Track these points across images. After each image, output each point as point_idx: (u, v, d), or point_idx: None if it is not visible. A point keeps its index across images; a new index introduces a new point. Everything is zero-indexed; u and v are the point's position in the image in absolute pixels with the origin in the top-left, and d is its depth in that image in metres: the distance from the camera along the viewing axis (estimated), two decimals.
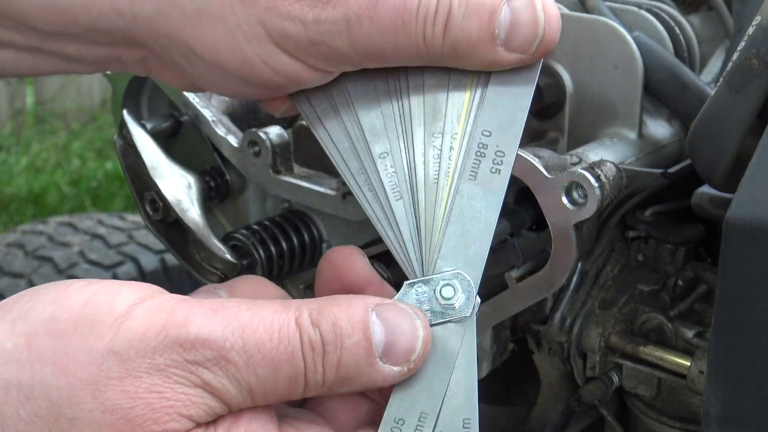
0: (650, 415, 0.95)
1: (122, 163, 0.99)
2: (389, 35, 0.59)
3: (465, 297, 0.59)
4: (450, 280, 0.59)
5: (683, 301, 0.94)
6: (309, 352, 0.54)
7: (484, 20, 0.59)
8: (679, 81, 0.92)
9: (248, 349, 0.53)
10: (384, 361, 0.55)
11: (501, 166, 0.60)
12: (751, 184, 0.70)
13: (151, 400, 0.52)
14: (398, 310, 0.57)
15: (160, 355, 0.52)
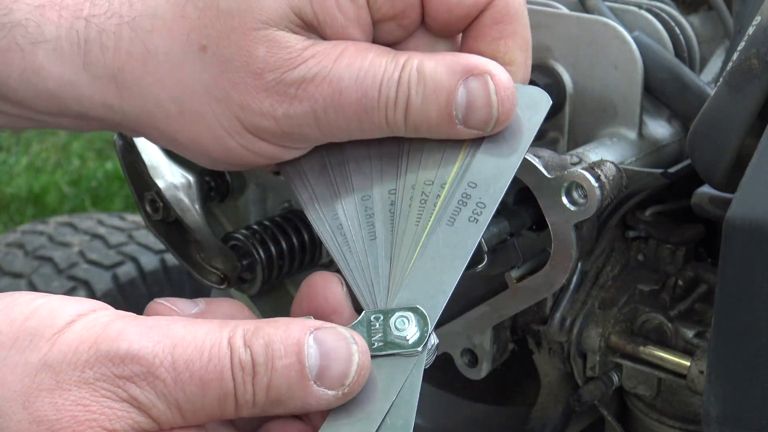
0: (650, 415, 0.95)
1: (122, 163, 0.99)
2: (354, 121, 0.63)
3: (419, 332, 0.59)
4: (406, 313, 0.59)
5: (683, 301, 0.94)
6: (239, 372, 0.54)
7: (442, 104, 0.63)
8: (679, 81, 0.92)
9: (177, 366, 0.54)
10: (318, 384, 0.55)
11: (479, 216, 0.62)
12: (751, 184, 0.70)
13: (77, 412, 0.52)
14: (336, 334, 0.57)
15: (90, 368, 0.53)
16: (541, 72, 0.94)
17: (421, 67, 0.62)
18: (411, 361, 0.58)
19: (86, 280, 1.89)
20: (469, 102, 0.63)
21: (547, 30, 0.94)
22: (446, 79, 0.62)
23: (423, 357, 0.59)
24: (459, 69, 0.63)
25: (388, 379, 0.58)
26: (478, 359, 0.91)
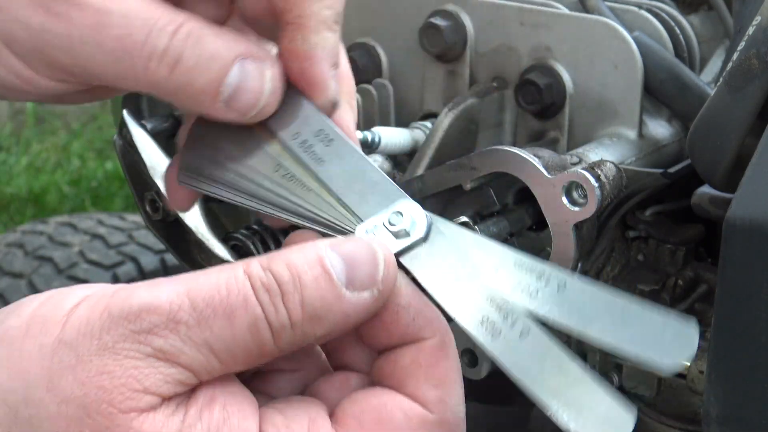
0: (650, 415, 0.95)
1: (122, 163, 0.99)
2: (111, 60, 0.59)
3: (412, 219, 0.58)
4: (386, 213, 0.58)
5: (683, 301, 0.94)
6: (264, 294, 0.52)
7: (213, 74, 0.60)
8: (679, 81, 0.92)
9: (197, 306, 0.51)
10: (351, 290, 0.53)
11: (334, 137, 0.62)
12: (751, 184, 0.70)
13: (102, 382, 0.50)
14: (353, 240, 0.56)
15: (107, 333, 0.51)
16: (541, 72, 0.94)
17: (200, 31, 0.60)
18: (424, 247, 0.57)
19: (86, 280, 1.89)
20: (239, 84, 0.60)
21: (547, 30, 0.95)
22: (225, 52, 0.60)
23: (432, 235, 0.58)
24: (241, 47, 0.60)
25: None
26: (478, 359, 0.91)
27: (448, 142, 0.93)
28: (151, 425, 0.51)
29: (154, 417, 0.51)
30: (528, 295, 0.58)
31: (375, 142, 0.94)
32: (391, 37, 1.04)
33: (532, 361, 0.57)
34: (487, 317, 0.58)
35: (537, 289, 0.58)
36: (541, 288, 0.58)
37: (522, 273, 0.59)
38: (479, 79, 1.00)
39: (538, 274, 0.58)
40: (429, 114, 1.02)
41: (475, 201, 0.84)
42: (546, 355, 0.58)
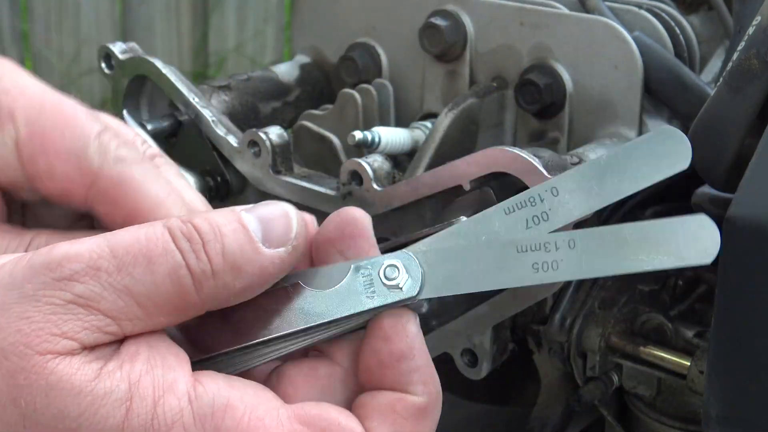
0: (650, 415, 0.95)
1: None
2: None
3: (410, 278, 0.58)
4: (394, 260, 0.58)
5: (683, 301, 0.94)
6: (184, 243, 0.53)
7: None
8: (679, 81, 0.92)
9: (117, 253, 0.52)
10: (267, 245, 0.54)
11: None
12: (751, 184, 0.70)
13: (21, 326, 0.51)
14: (264, 204, 0.56)
15: (28, 282, 0.51)
16: (541, 72, 0.94)
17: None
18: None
19: None
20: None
21: (547, 30, 0.95)
22: None
23: (423, 303, 0.58)
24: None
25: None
26: (478, 359, 0.91)
27: (448, 142, 0.93)
28: (67, 368, 0.51)
29: (71, 361, 0.51)
30: (540, 224, 0.58)
31: (375, 142, 0.94)
32: (391, 37, 1.04)
33: (599, 255, 0.56)
34: (535, 262, 0.57)
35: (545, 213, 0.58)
36: (545, 216, 0.58)
37: (522, 211, 0.59)
38: (479, 79, 1.00)
39: (534, 210, 0.58)
40: (429, 114, 1.02)
41: (475, 201, 0.84)
42: (603, 239, 0.56)
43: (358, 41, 1.06)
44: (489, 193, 0.83)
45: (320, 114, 1.04)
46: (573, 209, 0.58)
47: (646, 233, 0.56)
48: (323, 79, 1.12)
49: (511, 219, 0.59)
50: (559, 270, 0.57)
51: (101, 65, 1.03)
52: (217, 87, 1.06)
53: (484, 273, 0.58)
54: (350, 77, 1.05)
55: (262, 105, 1.08)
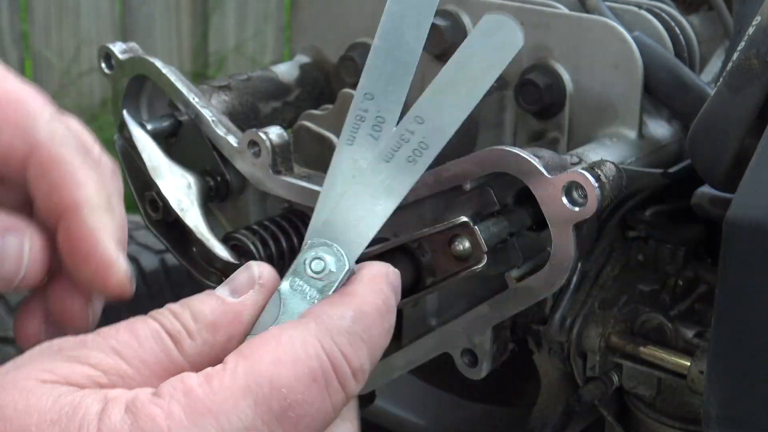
0: (650, 415, 0.95)
1: (122, 163, 0.99)
2: None
3: (333, 257, 0.59)
4: (320, 254, 0.60)
5: (683, 301, 0.94)
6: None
7: None
8: (679, 81, 0.92)
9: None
10: (236, 295, 0.59)
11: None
12: (751, 184, 0.70)
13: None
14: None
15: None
16: (541, 72, 0.94)
17: None
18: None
19: None
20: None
21: (547, 30, 0.94)
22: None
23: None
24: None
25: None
26: (478, 359, 0.91)
27: (448, 142, 0.93)
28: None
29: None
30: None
31: None
32: None
33: (446, 107, 0.63)
34: (408, 155, 0.62)
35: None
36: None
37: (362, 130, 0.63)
38: None
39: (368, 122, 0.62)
40: None
41: (475, 201, 0.84)
42: (439, 93, 0.65)
43: (358, 41, 1.06)
44: (489, 193, 0.83)
45: (320, 114, 1.04)
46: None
47: (464, 61, 0.62)
48: (323, 79, 1.12)
49: (362, 145, 0.61)
50: (429, 146, 0.61)
51: (101, 65, 1.03)
52: (217, 87, 1.06)
53: (378, 202, 0.60)
54: (350, 77, 1.05)
55: (262, 105, 1.08)
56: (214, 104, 1.03)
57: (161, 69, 1.00)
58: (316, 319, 0.57)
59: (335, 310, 0.57)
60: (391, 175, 0.61)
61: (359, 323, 0.57)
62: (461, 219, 0.79)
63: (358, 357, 0.56)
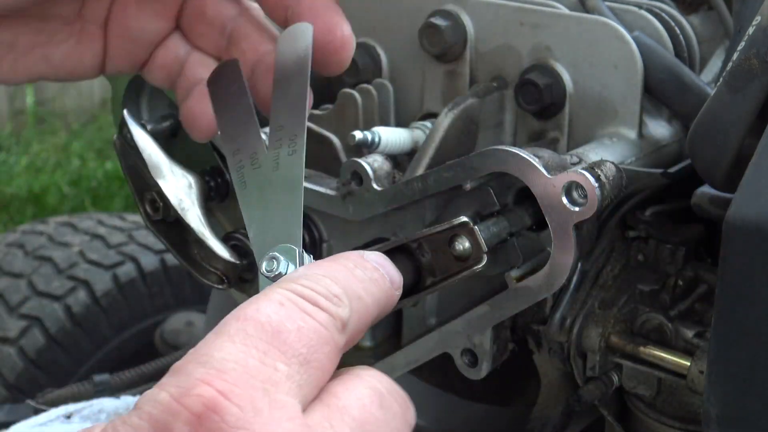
0: (650, 415, 0.95)
1: (122, 163, 0.99)
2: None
3: (289, 261, 0.63)
4: (272, 255, 0.63)
5: (683, 301, 0.94)
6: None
7: None
8: (679, 81, 0.92)
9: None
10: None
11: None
12: (751, 184, 0.70)
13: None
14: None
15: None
16: (541, 72, 0.94)
17: None
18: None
19: (86, 280, 1.89)
20: None
21: (547, 30, 0.95)
22: None
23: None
24: None
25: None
26: (478, 359, 0.91)
27: (448, 142, 0.93)
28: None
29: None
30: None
31: (375, 142, 0.94)
32: (391, 37, 1.04)
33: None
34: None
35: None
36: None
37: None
38: (479, 79, 1.00)
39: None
40: (429, 114, 1.02)
41: (475, 201, 0.84)
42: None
43: (358, 41, 1.06)
44: (489, 193, 0.83)
45: (320, 114, 1.04)
46: None
47: (278, 66, 0.70)
48: (323, 79, 1.12)
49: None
50: (297, 134, 0.67)
51: None
52: None
53: (285, 197, 0.66)
54: (350, 77, 1.05)
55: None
56: None
57: None
58: (277, 282, 0.58)
59: (293, 273, 0.60)
60: (284, 172, 0.66)
61: (317, 267, 0.59)
62: (461, 219, 0.79)
63: (323, 286, 0.57)
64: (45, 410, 1.25)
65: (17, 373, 1.81)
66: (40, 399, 1.59)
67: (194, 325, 1.92)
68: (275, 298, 0.56)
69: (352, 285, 0.59)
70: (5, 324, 1.84)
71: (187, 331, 1.91)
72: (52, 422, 1.21)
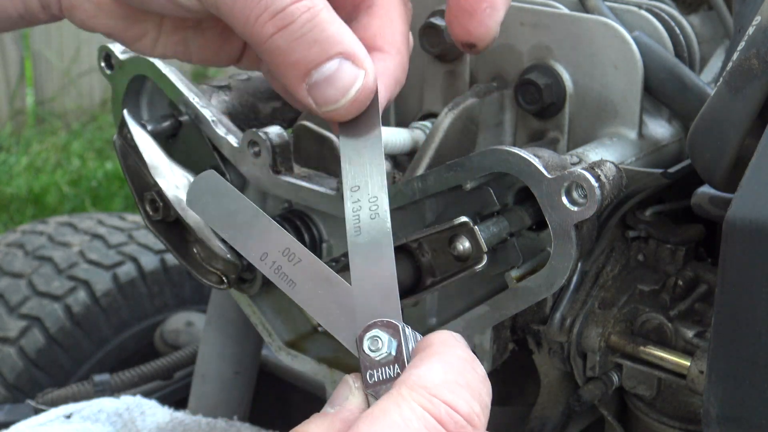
0: (650, 415, 0.95)
1: (122, 163, 0.99)
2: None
3: (392, 339, 0.59)
4: (372, 333, 0.60)
5: (683, 301, 0.94)
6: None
7: (310, 57, 0.64)
8: (679, 81, 0.92)
9: None
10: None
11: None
12: (751, 184, 0.70)
13: None
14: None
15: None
16: (541, 72, 0.94)
17: (320, 12, 0.64)
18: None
19: (86, 280, 1.89)
20: (330, 76, 0.64)
21: (547, 30, 0.95)
22: (332, 41, 0.64)
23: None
24: (346, 46, 0.64)
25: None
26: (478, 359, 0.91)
27: (448, 142, 0.93)
28: None
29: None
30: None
31: None
32: None
33: None
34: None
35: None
36: None
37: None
38: (479, 79, 1.00)
39: None
40: (429, 114, 1.02)
41: (475, 201, 0.84)
42: None
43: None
44: (489, 193, 0.83)
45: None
46: None
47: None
48: None
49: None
50: (378, 196, 0.63)
51: (101, 65, 1.03)
52: (217, 87, 1.06)
53: (376, 263, 0.62)
54: None
55: (262, 105, 1.08)
56: (214, 104, 1.03)
57: (161, 69, 1.00)
58: (406, 383, 0.55)
59: (420, 368, 0.56)
60: (368, 238, 0.62)
61: (450, 372, 0.56)
62: (461, 219, 0.79)
63: (464, 401, 0.56)
64: (45, 410, 1.25)
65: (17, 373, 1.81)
66: (40, 399, 1.59)
67: (194, 325, 1.92)
68: (411, 417, 0.54)
69: (479, 388, 0.59)
70: (5, 324, 1.84)
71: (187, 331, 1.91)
72: (52, 422, 1.21)
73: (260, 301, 1.05)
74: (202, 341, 1.39)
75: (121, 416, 1.22)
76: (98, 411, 1.22)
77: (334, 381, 1.00)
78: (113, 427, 1.20)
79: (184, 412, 1.28)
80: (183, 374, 1.65)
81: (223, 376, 1.38)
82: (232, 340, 1.35)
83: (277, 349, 1.04)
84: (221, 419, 1.25)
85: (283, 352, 1.04)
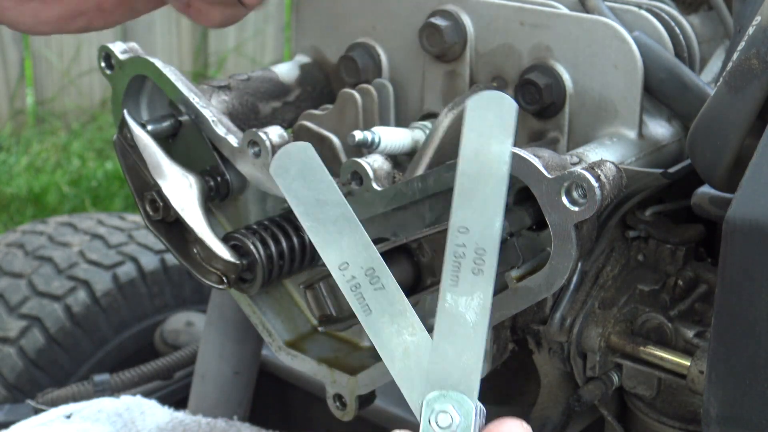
0: (650, 415, 0.95)
1: (122, 163, 0.99)
2: None
3: (463, 419, 0.56)
4: (444, 406, 0.56)
5: (683, 301, 0.94)
6: None
7: None
8: (679, 81, 0.92)
9: None
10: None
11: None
12: (751, 184, 0.70)
13: None
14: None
15: None
16: (541, 72, 0.94)
17: None
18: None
19: (86, 280, 1.89)
20: None
21: (547, 30, 0.95)
22: None
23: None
24: None
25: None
26: None
27: (448, 142, 0.93)
28: None
29: None
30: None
31: (375, 142, 0.94)
32: (391, 37, 1.04)
33: None
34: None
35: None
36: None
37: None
38: (479, 79, 1.00)
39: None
40: (429, 114, 1.03)
41: None
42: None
43: (358, 41, 1.06)
44: None
45: (320, 114, 1.04)
46: None
47: (471, 149, 0.55)
48: (323, 79, 1.12)
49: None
50: (486, 250, 0.55)
51: (101, 65, 1.03)
52: (217, 87, 1.06)
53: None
54: (350, 77, 1.05)
55: (262, 105, 1.08)
56: (214, 104, 1.03)
57: (161, 69, 1.00)
58: None
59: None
60: (464, 294, 0.54)
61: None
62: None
63: None
64: (45, 410, 1.25)
65: (17, 373, 1.81)
66: (40, 399, 1.59)
67: (194, 325, 1.92)
68: None
69: None
70: (5, 324, 1.84)
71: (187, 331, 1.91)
72: (52, 422, 1.21)
73: (260, 301, 1.04)
74: (202, 341, 1.39)
75: (121, 416, 1.22)
76: (98, 411, 1.22)
77: (334, 381, 1.00)
78: (113, 427, 1.20)
79: (184, 412, 1.28)
80: (183, 374, 1.65)
81: (223, 376, 1.38)
82: (232, 340, 1.35)
83: (277, 349, 1.04)
84: (221, 419, 1.25)
85: (283, 352, 1.04)
